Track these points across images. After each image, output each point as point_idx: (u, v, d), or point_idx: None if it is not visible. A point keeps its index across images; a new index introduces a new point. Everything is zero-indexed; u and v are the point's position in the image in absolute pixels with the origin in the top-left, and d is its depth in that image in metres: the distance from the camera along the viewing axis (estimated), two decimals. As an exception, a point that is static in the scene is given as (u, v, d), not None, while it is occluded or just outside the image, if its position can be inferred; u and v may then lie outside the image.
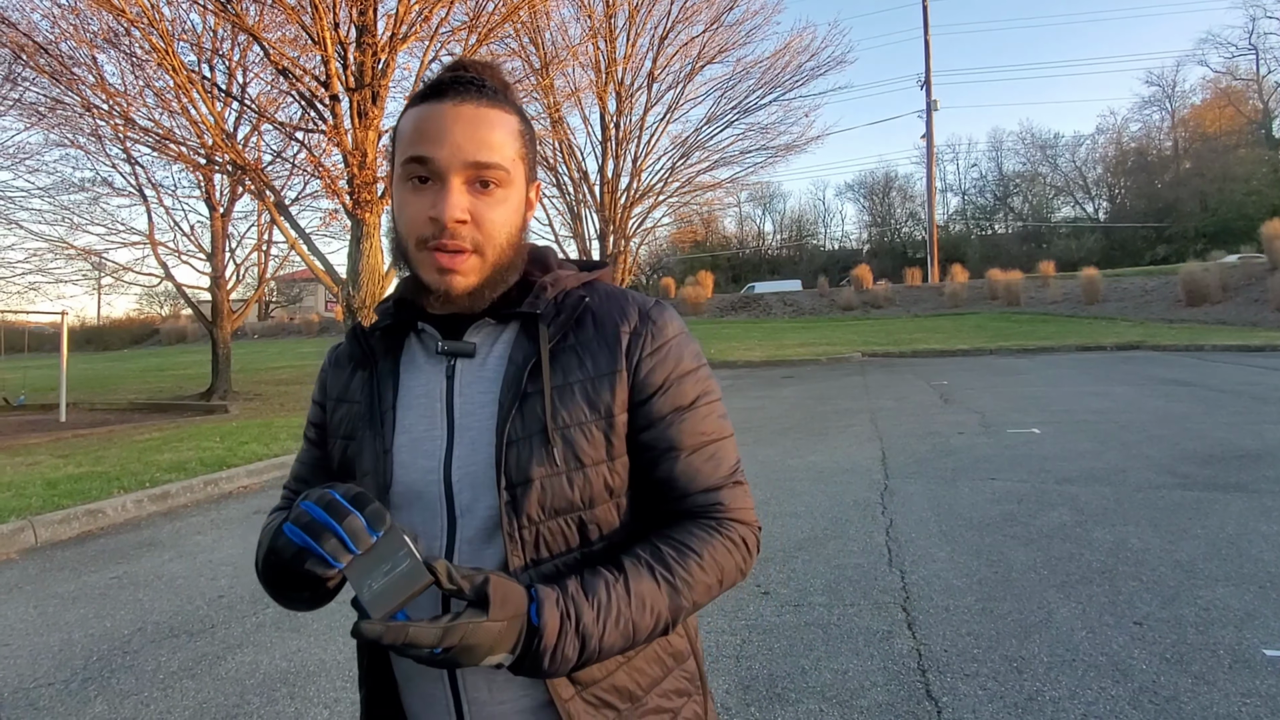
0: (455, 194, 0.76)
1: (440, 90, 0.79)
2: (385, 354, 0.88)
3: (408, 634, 0.59)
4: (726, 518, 0.81)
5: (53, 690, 2.84)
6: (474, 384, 0.82)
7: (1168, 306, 21.72)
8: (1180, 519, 4.31)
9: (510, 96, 0.84)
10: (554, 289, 0.84)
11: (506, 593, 0.66)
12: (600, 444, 0.79)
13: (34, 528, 4.87)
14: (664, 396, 0.81)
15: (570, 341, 0.81)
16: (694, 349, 0.86)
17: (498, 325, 0.84)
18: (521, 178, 0.82)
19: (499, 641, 0.64)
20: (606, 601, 0.71)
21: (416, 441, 0.82)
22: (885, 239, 49.41)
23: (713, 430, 0.84)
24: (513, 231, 0.81)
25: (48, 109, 12.70)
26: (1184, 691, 2.49)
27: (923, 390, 10.85)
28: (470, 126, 0.77)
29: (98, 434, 9.76)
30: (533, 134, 0.85)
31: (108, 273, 16.05)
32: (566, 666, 0.69)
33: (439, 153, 0.76)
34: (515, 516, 0.76)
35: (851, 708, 2.51)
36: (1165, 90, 42.90)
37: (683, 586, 0.76)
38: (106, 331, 43.65)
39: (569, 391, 0.79)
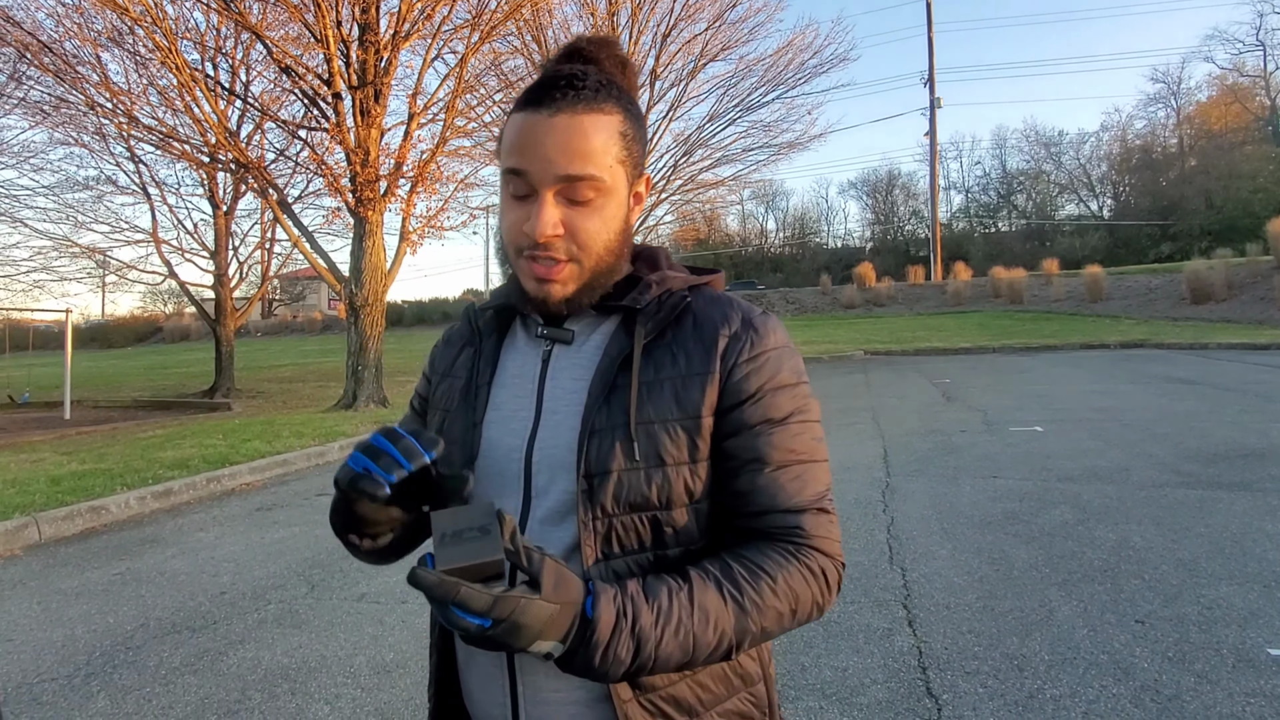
0: (547, 209, 0.76)
1: (538, 99, 0.76)
2: (491, 334, 0.90)
3: (459, 592, 0.58)
4: (806, 544, 0.76)
5: (56, 685, 2.85)
6: (567, 370, 0.83)
7: (1172, 304, 21.65)
8: (1183, 517, 4.29)
9: (617, 89, 0.80)
10: (659, 288, 0.83)
11: (562, 577, 0.64)
12: (684, 444, 0.77)
13: (38, 524, 4.89)
14: (755, 405, 0.78)
15: (667, 339, 0.80)
16: (795, 365, 0.82)
17: (599, 316, 0.84)
18: (623, 180, 0.80)
19: (550, 626, 0.62)
20: (667, 608, 0.68)
21: (505, 419, 0.84)
22: (888, 237, 49.34)
23: (803, 450, 0.79)
24: (611, 238, 0.80)
25: (52, 107, 12.74)
26: (1186, 690, 2.49)
27: (925, 388, 10.84)
28: (563, 138, 0.75)
29: (101, 431, 9.80)
30: (639, 126, 0.82)
31: (112, 271, 16.10)
32: (619, 669, 0.66)
33: (531, 167, 0.75)
34: (590, 506, 0.75)
35: (851, 705, 2.50)
36: (1171, 87, 42.78)
37: (751, 608, 0.71)
38: (110, 329, 43.80)
39: (658, 388, 0.78)
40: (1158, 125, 43.46)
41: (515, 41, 14.51)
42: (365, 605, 3.54)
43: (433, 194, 11.15)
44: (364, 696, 2.69)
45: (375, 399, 10.61)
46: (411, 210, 10.81)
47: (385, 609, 3.48)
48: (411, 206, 10.77)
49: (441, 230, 11.45)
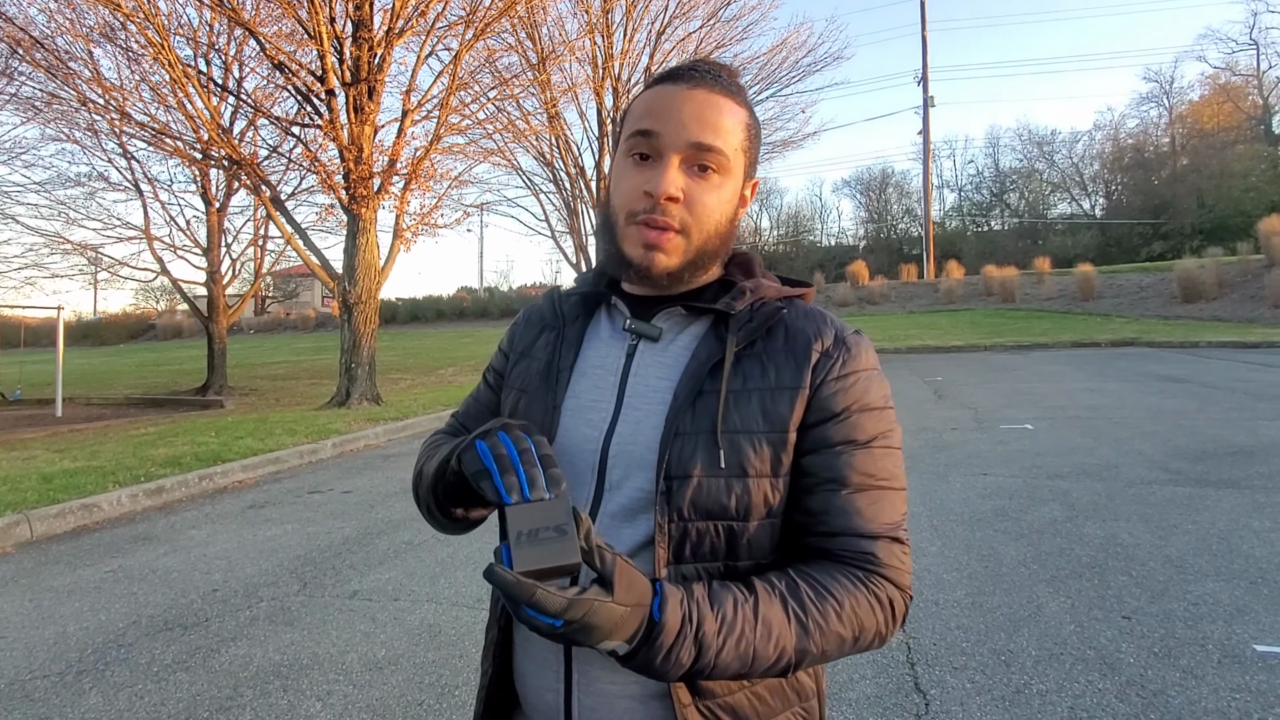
0: (672, 171, 0.77)
1: (677, 75, 0.80)
2: (574, 320, 0.90)
3: (535, 593, 0.57)
4: (876, 572, 0.75)
5: (48, 682, 2.85)
6: (651, 368, 0.82)
7: (1163, 303, 21.75)
8: (1171, 514, 4.33)
9: (744, 95, 0.84)
10: (753, 295, 0.82)
11: (633, 579, 0.64)
12: (767, 457, 0.76)
13: (29, 522, 4.88)
14: (840, 424, 0.77)
15: (758, 349, 0.80)
16: (884, 389, 0.81)
17: (688, 316, 0.84)
18: (741, 170, 0.82)
19: (619, 627, 0.62)
20: (731, 618, 0.68)
21: (583, 408, 0.83)
22: (881, 235, 49.39)
23: (884, 475, 0.78)
24: (723, 220, 0.81)
25: (44, 103, 12.65)
26: (1172, 685, 2.51)
27: (917, 386, 10.88)
28: (699, 108, 0.78)
29: (93, 429, 9.76)
30: (759, 133, 0.85)
31: (104, 267, 15.97)
32: (678, 671, 0.66)
33: (664, 129, 0.77)
34: (667, 509, 0.75)
35: (840, 700, 2.52)
36: (1163, 86, 42.84)
37: (814, 630, 0.70)
38: (102, 326, 43.57)
39: (746, 398, 0.77)
40: (1150, 124, 43.59)
41: (509, 38, 14.48)
42: (357, 603, 3.55)
43: (426, 191, 11.13)
44: (356, 693, 2.70)
45: (369, 397, 10.59)
46: (405, 207, 10.79)
47: (377, 606, 3.49)
48: (405, 204, 10.75)
49: (435, 228, 11.42)
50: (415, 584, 3.75)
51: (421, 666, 2.88)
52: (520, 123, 15.10)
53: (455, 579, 3.81)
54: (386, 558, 4.18)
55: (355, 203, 10.18)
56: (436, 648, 3.04)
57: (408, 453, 7.52)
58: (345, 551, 4.32)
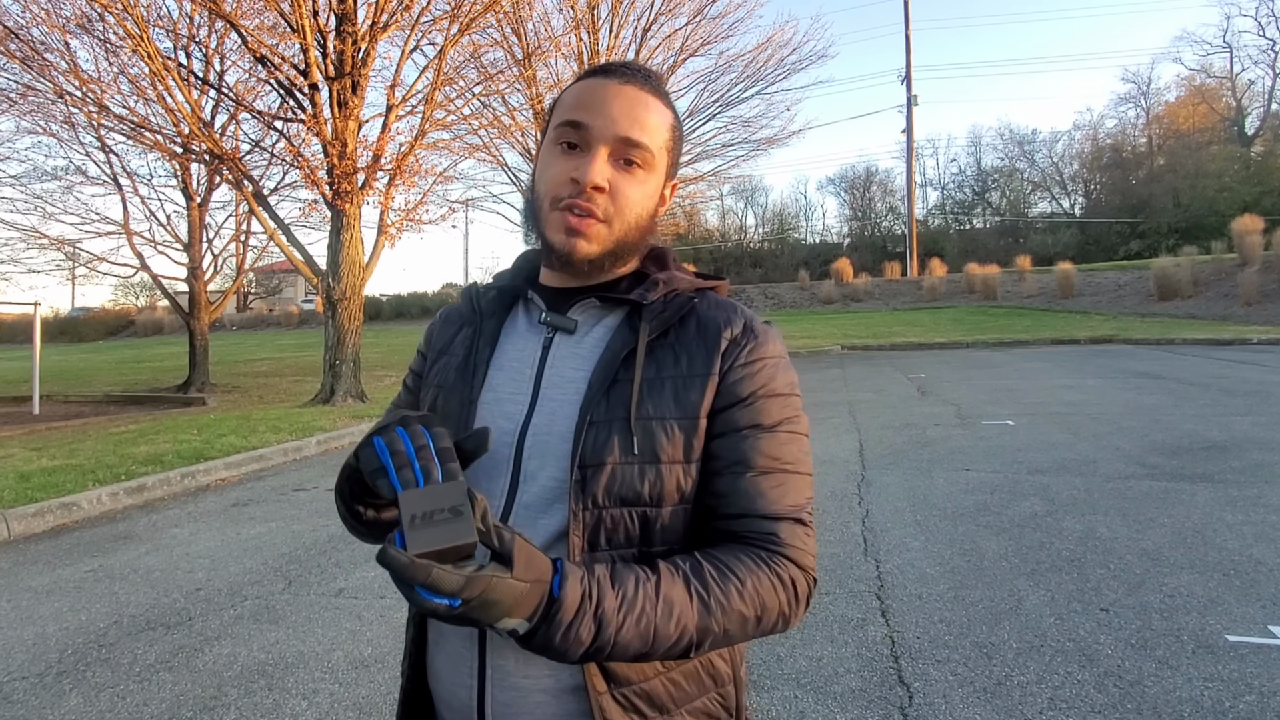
0: (599, 161, 0.79)
1: (608, 70, 0.83)
2: (492, 314, 0.91)
3: (431, 574, 0.57)
4: (780, 553, 0.76)
5: (27, 684, 2.82)
6: (567, 359, 0.84)
7: (1140, 301, 22.08)
8: (1148, 509, 4.41)
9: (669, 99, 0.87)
10: (666, 286, 0.84)
11: (531, 556, 0.64)
12: (679, 444, 0.77)
13: (7, 521, 4.81)
14: (745, 409, 0.79)
15: (670, 338, 0.82)
16: (790, 377, 0.84)
17: (603, 308, 0.86)
18: (663, 169, 0.85)
19: (518, 604, 0.62)
20: (632, 595, 0.68)
21: (499, 401, 0.84)
22: (865, 233, 49.64)
23: (788, 459, 0.80)
24: (643, 214, 0.83)
25: (19, 95, 12.40)
26: (1148, 676, 2.56)
27: (900, 383, 10.97)
28: (629, 104, 0.81)
29: (72, 426, 9.62)
30: (681, 136, 0.89)
31: (82, 263, 15.74)
32: (578, 649, 0.66)
33: (594, 121, 0.80)
34: (581, 496, 0.76)
35: (825, 694, 2.55)
36: (1140, 87, 43.38)
37: (716, 609, 0.71)
38: (81, 323, 42.91)
39: (659, 385, 0.79)
40: (1128, 125, 44.12)
41: (495, 34, 14.40)
42: (343, 600, 3.53)
43: (411, 187, 11.06)
44: (342, 691, 2.69)
45: (353, 394, 10.53)
46: (390, 203, 10.71)
47: (363, 604, 3.48)
48: (390, 199, 10.68)
49: (420, 224, 11.35)
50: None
51: (408, 664, 2.87)
52: (506, 118, 15.04)
53: (441, 576, 3.80)
54: (372, 555, 4.14)
55: (339, 198, 10.10)
56: (423, 645, 3.03)
57: (392, 450, 7.46)
58: (330, 549, 4.30)
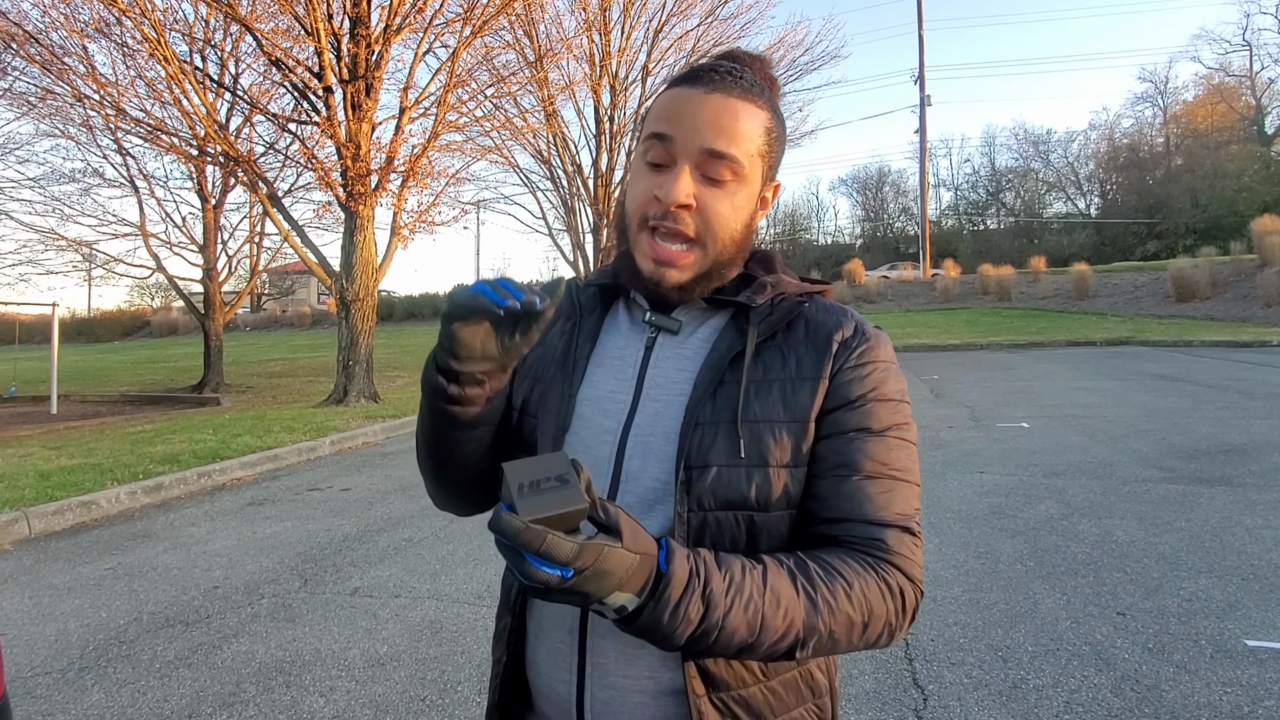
0: (684, 178, 0.76)
1: (697, 77, 0.79)
2: (593, 310, 0.89)
3: (546, 540, 0.56)
4: (886, 559, 0.72)
5: (50, 679, 2.86)
6: (671, 359, 0.82)
7: (1157, 302, 21.86)
8: (1165, 512, 4.37)
9: (770, 93, 0.82)
10: (773, 290, 0.82)
11: (637, 530, 0.62)
12: (788, 447, 0.75)
13: (28, 519, 4.88)
14: (854, 412, 0.77)
15: (778, 341, 0.80)
16: (901, 384, 0.81)
17: (707, 310, 0.84)
18: (759, 175, 0.80)
19: (629, 577, 0.60)
20: (740, 579, 0.66)
21: (600, 399, 0.83)
22: (878, 234, 49.49)
23: (897, 466, 0.76)
24: (738, 228, 0.79)
25: (38, 99, 12.57)
26: (1165, 680, 2.55)
27: (914, 384, 10.92)
28: (714, 114, 0.76)
29: (89, 426, 9.73)
30: (781, 134, 0.83)
31: (98, 264, 15.91)
32: (686, 629, 0.63)
33: (678, 133, 0.76)
34: (687, 498, 0.74)
35: (840, 695, 2.54)
36: (1158, 86, 43.00)
37: (824, 607, 0.68)
38: (97, 323, 43.38)
39: (766, 388, 0.77)
40: (1145, 124, 43.74)
41: (507, 36, 14.47)
42: (358, 599, 3.56)
43: (424, 189, 11.12)
44: (358, 689, 2.72)
45: (366, 394, 10.59)
46: (402, 205, 10.77)
47: (378, 603, 3.50)
48: (402, 201, 10.74)
49: (433, 225, 11.41)
50: (416, 581, 3.77)
51: (423, 662, 2.90)
52: (518, 120, 15.08)
53: (456, 576, 3.82)
54: (387, 555, 4.19)
55: (352, 200, 10.17)
56: (438, 644, 3.06)
57: (406, 450, 7.52)
58: (345, 548, 4.33)
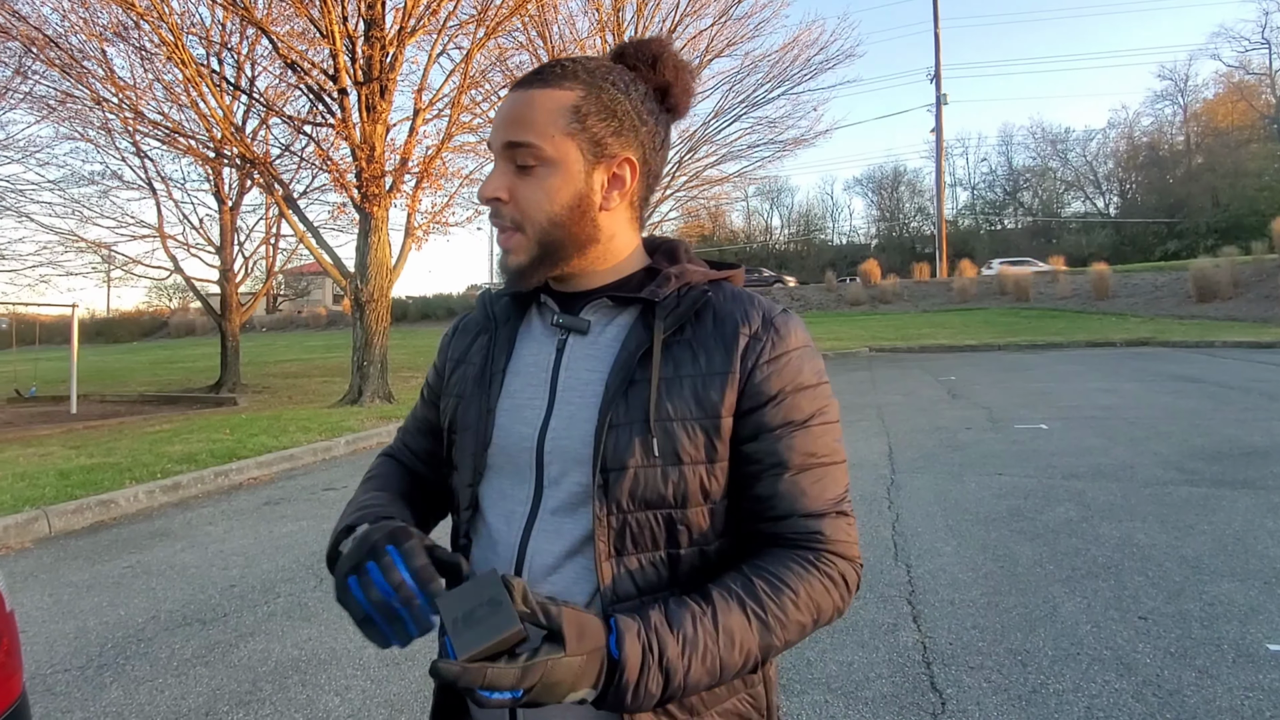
0: (493, 174, 0.80)
1: (514, 83, 0.84)
2: (506, 320, 0.90)
3: (486, 675, 0.57)
4: (825, 550, 0.76)
5: (69, 676, 2.89)
6: (581, 361, 0.83)
7: (1178, 302, 21.59)
8: (1187, 515, 4.30)
9: (590, 73, 0.80)
10: (678, 281, 0.82)
11: (583, 625, 0.63)
12: (701, 444, 0.76)
13: (48, 517, 4.93)
14: (776, 408, 0.77)
15: (686, 335, 0.80)
16: (816, 365, 0.81)
17: (615, 307, 0.84)
18: (574, 154, 0.79)
19: (580, 677, 0.62)
20: (693, 635, 0.68)
21: (518, 407, 0.84)
22: (893, 234, 49.23)
23: (825, 452, 0.79)
24: (556, 210, 0.79)
25: (58, 102, 12.76)
26: (1187, 685, 2.50)
27: (930, 385, 10.84)
28: (510, 108, 0.80)
29: (108, 425, 9.85)
30: (603, 108, 0.80)
31: (117, 265, 16.11)
32: (650, 702, 0.66)
33: (491, 137, 0.82)
34: (605, 501, 0.75)
35: (856, 699, 2.53)
36: (1178, 84, 42.53)
37: (775, 624, 0.71)
38: (116, 324, 43.94)
39: (677, 385, 0.77)
40: (1165, 122, 43.28)
41: (520, 37, 14.51)
42: (373, 598, 3.56)
43: (438, 190, 11.17)
44: (374, 688, 2.72)
45: (380, 394, 10.65)
46: (416, 206, 10.83)
47: (393, 602, 3.51)
48: (416, 202, 10.79)
49: (446, 226, 11.48)
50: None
51: (437, 662, 2.90)
52: (531, 121, 15.10)
53: (469, 576, 3.83)
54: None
55: (367, 201, 10.22)
56: (452, 644, 3.05)
57: (420, 450, 7.54)
58: (360, 548, 4.34)
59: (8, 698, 1.26)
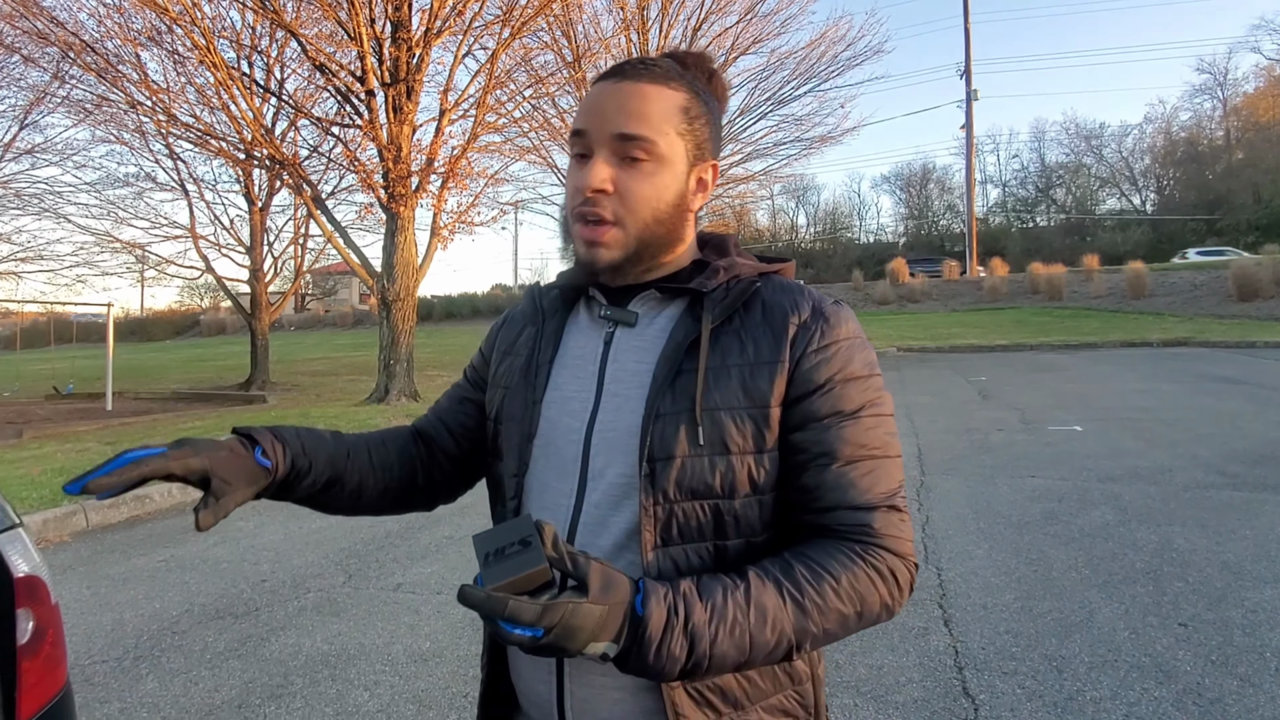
0: (598, 164, 0.78)
1: (609, 73, 0.81)
2: (554, 313, 0.90)
3: (508, 606, 0.58)
4: (874, 544, 0.74)
5: (107, 667, 2.94)
6: (629, 353, 0.82)
7: (1217, 302, 21.03)
8: (1229, 520, 4.19)
9: (690, 78, 0.83)
10: (726, 273, 0.82)
11: (609, 578, 0.63)
12: (749, 434, 0.75)
13: (85, 512, 5.05)
14: (824, 397, 0.76)
15: (735, 325, 0.79)
16: (867, 356, 0.80)
17: (663, 299, 0.84)
18: (681, 154, 0.80)
19: (601, 628, 0.62)
20: (721, 605, 0.67)
21: (565, 399, 0.84)
22: (922, 232, 48.62)
23: (875, 445, 0.77)
24: (661, 207, 0.79)
25: (94, 106, 13.06)
26: (1229, 694, 2.44)
27: (960, 386, 10.68)
28: (623, 100, 0.78)
29: (142, 422, 10.06)
30: (706, 113, 0.83)
31: (151, 265, 16.47)
32: (675, 666, 0.65)
33: (591, 125, 0.79)
34: (652, 491, 0.74)
35: (886, 703, 2.49)
36: (1217, 78, 41.42)
37: (812, 609, 0.69)
38: (150, 323, 44.91)
39: (725, 374, 0.76)
40: (1203, 117, 42.16)
41: (545, 37, 14.54)
42: (401, 595, 3.60)
43: (463, 189, 11.24)
44: (402, 684, 2.74)
45: (406, 393, 10.74)
46: (442, 206, 10.91)
47: (421, 599, 3.54)
48: (442, 202, 10.87)
49: (472, 226, 11.53)
50: (458, 578, 3.80)
51: (465, 659, 2.91)
52: (556, 121, 15.16)
53: (496, 573, 3.84)
54: (428, 552, 4.23)
55: (394, 201, 10.32)
56: (479, 641, 3.05)
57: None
58: (388, 545, 4.39)
59: (54, 686, 1.29)
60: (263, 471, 0.80)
